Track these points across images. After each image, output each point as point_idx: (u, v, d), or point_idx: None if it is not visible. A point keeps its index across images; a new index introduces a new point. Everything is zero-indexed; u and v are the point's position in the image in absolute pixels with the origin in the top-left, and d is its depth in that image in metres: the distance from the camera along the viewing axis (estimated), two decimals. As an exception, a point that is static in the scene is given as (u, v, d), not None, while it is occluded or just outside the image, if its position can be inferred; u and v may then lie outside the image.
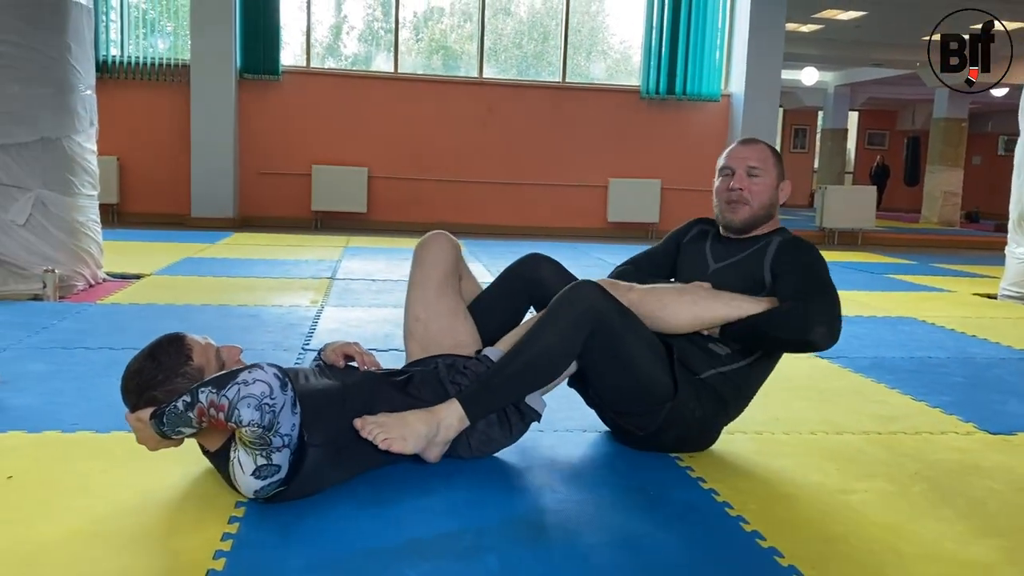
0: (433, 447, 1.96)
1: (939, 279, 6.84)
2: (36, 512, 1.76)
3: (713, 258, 2.32)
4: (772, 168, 2.28)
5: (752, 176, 2.26)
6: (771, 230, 2.31)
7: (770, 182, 2.27)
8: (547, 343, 2.00)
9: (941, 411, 2.81)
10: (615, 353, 2.05)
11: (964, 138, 15.08)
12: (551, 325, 2.01)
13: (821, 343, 2.04)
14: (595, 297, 2.03)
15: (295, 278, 5.32)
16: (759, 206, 2.26)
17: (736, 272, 2.24)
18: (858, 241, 10.22)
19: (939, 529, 1.86)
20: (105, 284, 4.72)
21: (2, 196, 4.17)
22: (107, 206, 7.83)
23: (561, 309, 2.02)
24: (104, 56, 8.79)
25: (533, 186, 9.82)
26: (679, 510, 1.91)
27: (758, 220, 2.28)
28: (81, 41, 4.47)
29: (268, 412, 1.60)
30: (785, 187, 2.31)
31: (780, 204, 2.31)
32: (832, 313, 2.05)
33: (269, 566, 1.56)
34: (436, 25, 10.73)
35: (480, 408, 2.00)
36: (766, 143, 2.34)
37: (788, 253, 2.20)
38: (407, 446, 1.89)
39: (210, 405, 1.60)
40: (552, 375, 2.07)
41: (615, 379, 2.11)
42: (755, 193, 2.25)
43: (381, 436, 1.87)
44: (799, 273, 2.14)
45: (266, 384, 1.61)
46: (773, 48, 9.67)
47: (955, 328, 4.41)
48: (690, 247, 2.42)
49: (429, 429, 1.94)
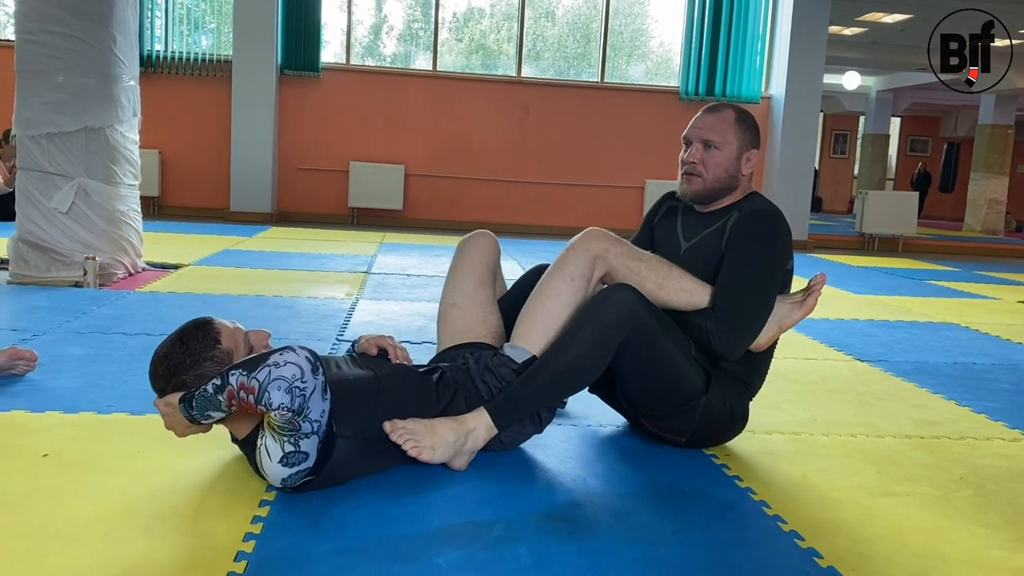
0: (460, 456, 1.95)
1: (983, 286, 6.69)
2: (70, 490, 1.77)
3: (684, 236, 2.27)
4: (733, 139, 2.18)
5: (708, 148, 2.18)
6: (737, 199, 2.22)
7: (728, 154, 2.17)
8: (579, 353, 1.96)
9: (986, 417, 2.73)
10: (650, 358, 2.02)
11: (1010, 145, 14.77)
12: (583, 333, 1.97)
13: (722, 356, 2.11)
14: (630, 303, 1.98)
15: (331, 271, 5.34)
16: (712, 179, 2.18)
17: (703, 250, 2.19)
18: (899, 248, 10.04)
19: (985, 535, 1.81)
20: (144, 273, 4.77)
21: (46, 184, 4.24)
22: (148, 198, 7.95)
23: (594, 317, 1.97)
24: (148, 51, 8.92)
25: (569, 186, 9.79)
26: (715, 508, 1.87)
27: (713, 193, 2.20)
28: (126, 32, 4.52)
29: (299, 395, 1.59)
30: (752, 156, 2.20)
31: (746, 175, 2.21)
32: (738, 329, 2.06)
33: (299, 550, 1.55)
34: (476, 26, 10.74)
35: (509, 418, 1.99)
36: (734, 108, 2.22)
37: (737, 233, 2.12)
38: (435, 455, 1.89)
39: (240, 387, 1.59)
40: (583, 384, 2.05)
41: (647, 382, 2.08)
42: (709, 166, 2.18)
43: (411, 444, 1.86)
44: (734, 267, 2.09)
45: (297, 367, 1.59)
46: (815, 51, 9.53)
47: (1000, 335, 4.30)
48: (662, 226, 2.36)
49: (458, 438, 1.93)
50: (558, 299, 2.05)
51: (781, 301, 2.16)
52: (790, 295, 2.19)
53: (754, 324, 2.10)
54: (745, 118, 2.22)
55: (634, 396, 2.15)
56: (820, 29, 9.53)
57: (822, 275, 2.16)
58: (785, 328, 2.16)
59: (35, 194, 4.25)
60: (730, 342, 2.07)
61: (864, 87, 16.65)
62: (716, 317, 2.06)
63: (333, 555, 1.53)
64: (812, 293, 2.16)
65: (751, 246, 2.11)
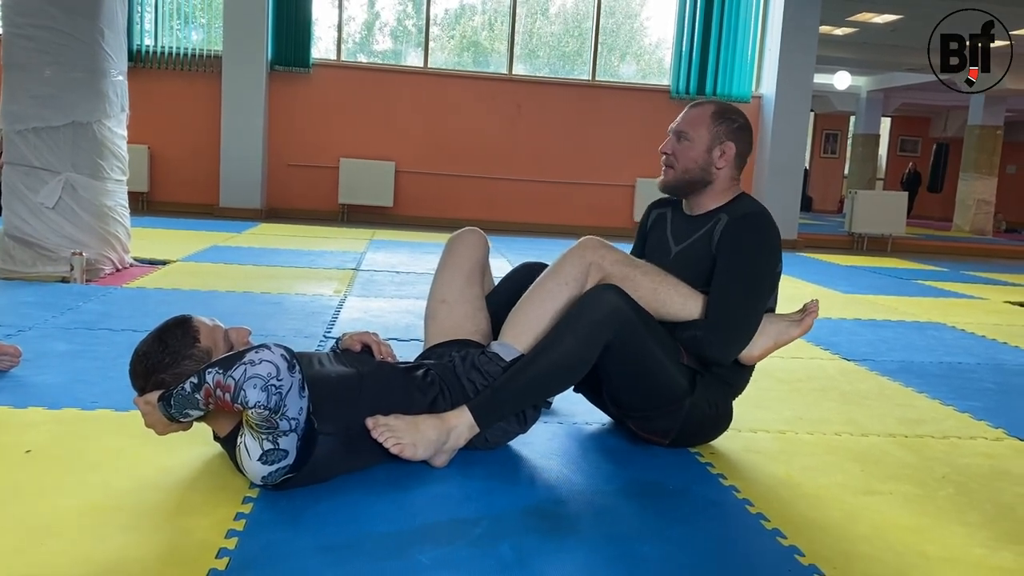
0: (442, 454, 1.96)
1: (970, 286, 6.72)
2: (51, 485, 1.76)
3: (674, 240, 2.29)
4: (704, 132, 2.20)
5: (680, 140, 2.23)
6: (726, 201, 2.23)
7: (699, 146, 2.20)
8: (564, 351, 1.96)
9: (970, 416, 2.74)
10: (636, 359, 2.03)
11: (999, 146, 14.83)
12: (569, 332, 1.97)
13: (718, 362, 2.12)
14: (615, 303, 1.98)
15: (319, 268, 5.33)
16: (682, 170, 2.22)
17: (693, 255, 2.20)
18: (887, 247, 10.08)
19: (966, 533, 1.82)
20: (132, 269, 4.76)
21: (32, 179, 4.22)
22: (137, 194, 7.91)
23: (580, 316, 1.98)
24: (138, 45, 8.87)
25: (560, 184, 9.78)
26: (698, 506, 1.88)
27: (684, 183, 2.23)
28: (114, 27, 4.49)
29: (275, 393, 1.58)
30: (727, 149, 2.20)
31: (721, 167, 2.21)
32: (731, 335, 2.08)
33: (281, 547, 1.55)
34: (468, 23, 10.72)
35: (491, 417, 1.99)
36: (717, 103, 2.26)
37: (728, 238, 2.13)
38: (417, 452, 1.89)
39: (216, 386, 1.58)
40: (566, 385, 2.06)
41: (633, 383, 2.08)
42: (680, 157, 2.22)
43: (392, 441, 1.87)
44: (726, 273, 2.10)
45: (273, 365, 1.58)
46: (806, 50, 9.55)
47: (985, 335, 4.32)
48: (653, 234, 2.39)
49: (439, 436, 1.93)
50: (551, 301, 2.06)
51: (779, 318, 2.18)
52: (787, 314, 2.20)
53: (746, 329, 2.11)
54: (724, 113, 2.23)
55: (619, 396, 2.16)
56: (811, 29, 9.55)
57: (815, 301, 2.20)
58: (781, 344, 2.17)
59: (22, 189, 4.22)
60: (723, 348, 2.09)
61: (854, 87, 16.68)
62: (708, 324, 2.07)
63: (316, 552, 1.53)
64: (809, 315, 2.18)
65: (741, 251, 2.11)
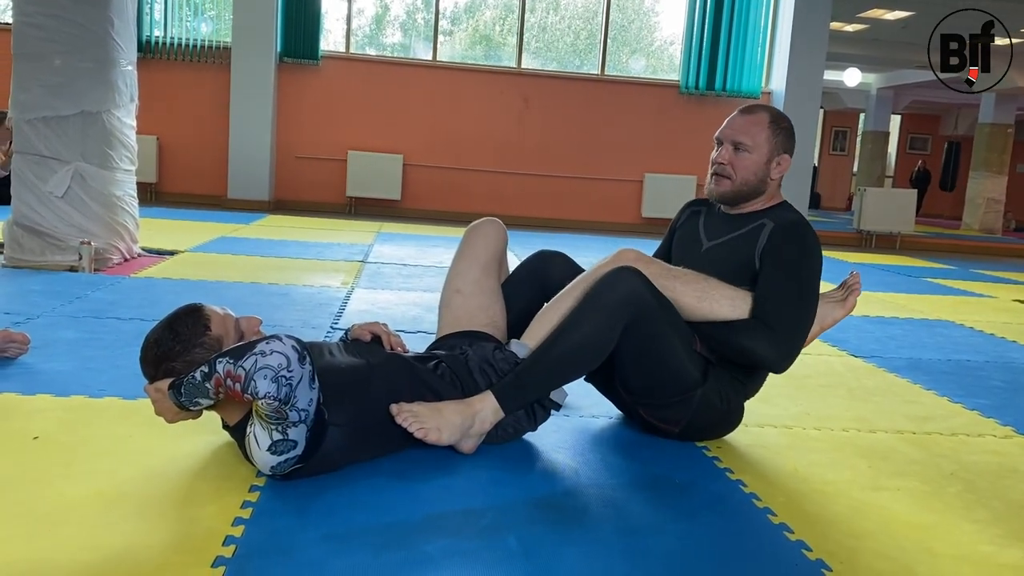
0: (468, 439, 1.95)
1: (979, 284, 6.69)
2: (59, 473, 1.77)
3: (706, 235, 2.26)
4: (764, 143, 2.16)
5: (739, 151, 2.17)
6: (768, 206, 2.21)
7: (758, 158, 2.16)
8: (584, 333, 1.95)
9: (979, 413, 2.73)
10: (651, 343, 2.01)
11: (1009, 144, 14.75)
12: (589, 315, 1.96)
13: (772, 369, 2.09)
14: (634, 285, 1.97)
15: (327, 260, 5.33)
16: (741, 182, 2.17)
17: (728, 252, 2.17)
18: (896, 245, 10.04)
19: (974, 531, 1.81)
20: (140, 259, 4.76)
21: (42, 168, 4.23)
22: (145, 185, 7.93)
23: (600, 296, 1.97)
24: (148, 36, 8.88)
25: (568, 179, 9.76)
26: (705, 500, 1.88)
27: (741, 195, 2.19)
28: (123, 16, 4.49)
29: (285, 385, 1.58)
30: (783, 161, 2.18)
31: (775, 179, 2.19)
32: (787, 340, 2.04)
33: (287, 535, 1.55)
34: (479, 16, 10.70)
35: (515, 401, 1.98)
36: (769, 110, 2.21)
37: (777, 244, 2.10)
38: (443, 437, 1.88)
39: (227, 376, 1.58)
40: (589, 366, 2.04)
41: (646, 368, 2.07)
42: (739, 169, 2.16)
43: (417, 426, 1.86)
44: (777, 278, 2.06)
45: (284, 356, 1.58)
46: (816, 47, 9.51)
47: (995, 333, 4.30)
48: (683, 229, 2.37)
49: (464, 421, 1.92)
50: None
51: (822, 300, 2.15)
52: (828, 293, 2.18)
53: (802, 337, 2.08)
54: (779, 122, 2.19)
55: (631, 381, 2.14)
56: (821, 25, 9.51)
57: (856, 273, 2.16)
58: (826, 327, 2.16)
59: (31, 178, 4.23)
60: (782, 358, 2.06)
61: (865, 84, 16.62)
62: (768, 335, 2.02)
63: (322, 541, 1.53)
64: (852, 292, 2.15)
65: (794, 260, 2.08)
